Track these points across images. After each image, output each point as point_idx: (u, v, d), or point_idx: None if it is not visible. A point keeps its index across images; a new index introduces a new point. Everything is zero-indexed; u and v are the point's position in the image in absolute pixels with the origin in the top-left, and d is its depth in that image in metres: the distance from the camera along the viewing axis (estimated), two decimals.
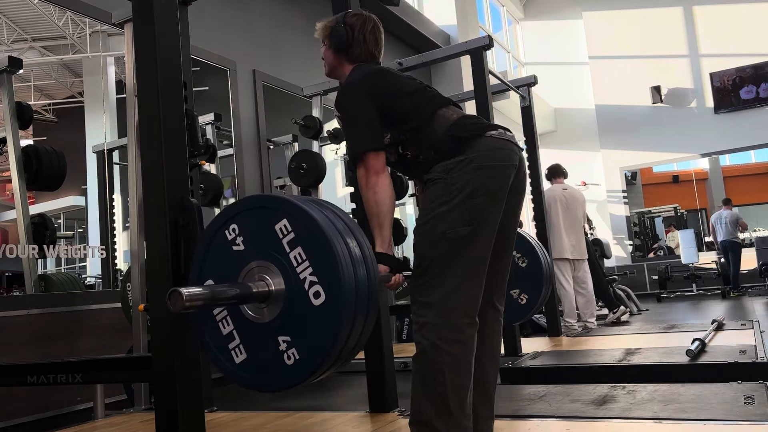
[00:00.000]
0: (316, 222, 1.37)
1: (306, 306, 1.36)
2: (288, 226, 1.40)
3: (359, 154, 1.69)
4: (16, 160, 3.26)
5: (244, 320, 1.45)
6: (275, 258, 1.41)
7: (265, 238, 1.43)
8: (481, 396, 1.73)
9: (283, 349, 1.39)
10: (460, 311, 1.58)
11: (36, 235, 3.30)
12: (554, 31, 12.00)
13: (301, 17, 5.82)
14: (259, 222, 1.45)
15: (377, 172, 1.68)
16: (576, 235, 5.17)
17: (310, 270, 1.37)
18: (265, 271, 1.43)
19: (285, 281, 1.40)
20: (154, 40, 1.82)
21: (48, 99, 4.79)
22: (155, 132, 1.81)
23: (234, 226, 1.48)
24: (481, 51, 4.00)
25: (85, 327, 3.24)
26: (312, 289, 1.36)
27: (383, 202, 1.67)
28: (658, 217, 11.82)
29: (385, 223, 1.68)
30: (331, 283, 1.34)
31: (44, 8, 4.23)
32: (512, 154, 1.69)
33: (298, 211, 1.40)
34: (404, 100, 1.75)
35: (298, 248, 1.38)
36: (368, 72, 1.81)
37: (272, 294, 1.41)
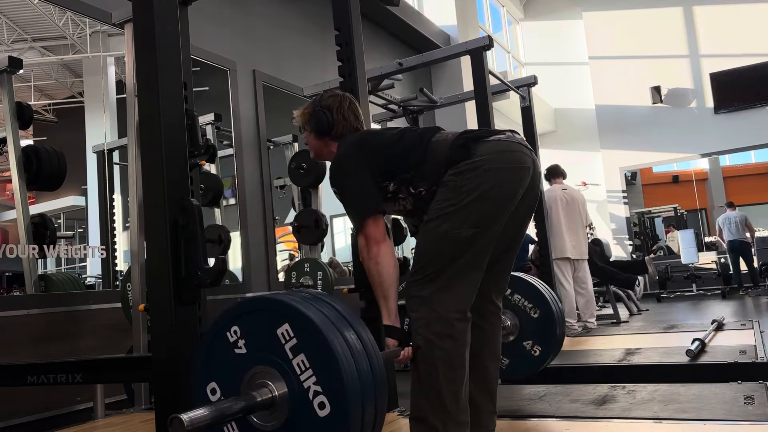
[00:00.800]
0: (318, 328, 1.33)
1: (311, 417, 1.33)
2: (290, 331, 1.37)
3: (359, 223, 1.70)
4: (16, 160, 3.26)
5: (249, 426, 1.42)
6: (278, 364, 1.38)
7: (267, 342, 1.39)
8: (483, 391, 1.74)
9: None
10: (451, 306, 1.59)
11: (36, 235, 3.30)
12: (554, 31, 12.00)
13: (301, 17, 5.82)
14: (260, 325, 1.41)
15: (378, 241, 1.67)
16: (576, 235, 5.18)
17: (314, 379, 1.33)
18: (268, 376, 1.39)
19: (288, 387, 1.36)
20: (154, 40, 1.81)
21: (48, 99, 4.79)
22: (155, 132, 1.81)
23: (235, 328, 1.45)
24: (481, 51, 4.00)
25: (85, 327, 3.24)
26: (316, 400, 1.32)
27: (386, 272, 1.67)
28: (658, 217, 11.82)
29: (390, 294, 1.68)
30: (336, 394, 1.30)
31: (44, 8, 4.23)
32: (523, 156, 1.67)
33: (299, 316, 1.36)
34: (395, 147, 1.75)
35: (301, 355, 1.35)
36: (353, 141, 1.82)
37: (276, 401, 1.37)
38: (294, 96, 5.34)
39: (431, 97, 5.12)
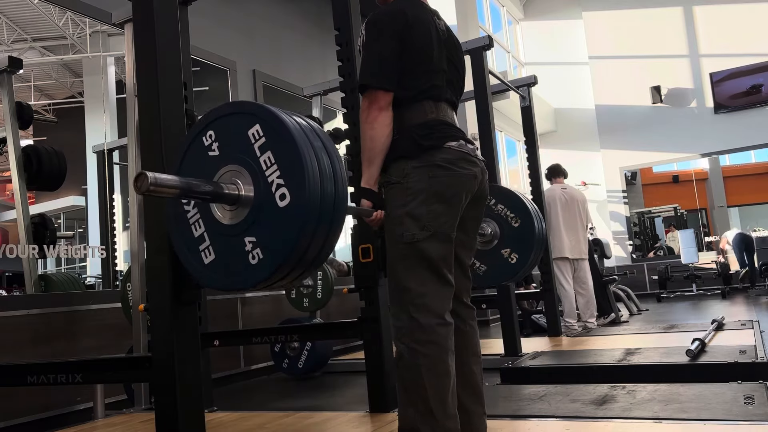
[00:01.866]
0: (286, 126, 1.42)
1: (272, 207, 1.42)
2: (260, 131, 1.46)
3: (369, 87, 1.68)
4: (16, 160, 3.26)
5: (214, 222, 1.53)
6: (246, 162, 1.47)
7: (239, 143, 1.49)
8: (471, 394, 1.74)
9: (248, 250, 1.45)
10: (430, 312, 1.59)
11: (36, 235, 3.30)
12: (554, 31, 12.00)
13: (301, 17, 5.82)
14: (234, 128, 1.51)
15: (381, 108, 1.67)
16: (575, 234, 5.17)
17: (278, 173, 1.42)
18: (238, 176, 1.49)
19: (254, 184, 1.46)
20: (154, 40, 1.82)
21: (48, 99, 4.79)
22: (155, 132, 1.81)
23: (211, 132, 1.55)
24: (481, 51, 4.00)
25: (85, 327, 3.24)
26: (278, 192, 1.42)
27: (379, 138, 1.67)
28: (658, 217, 11.81)
29: (376, 160, 1.69)
30: (297, 186, 1.40)
31: (44, 8, 4.23)
32: (469, 164, 1.71)
33: (269, 116, 1.46)
34: (411, 70, 1.72)
35: (268, 152, 1.44)
36: (410, 15, 1.74)
37: (242, 198, 1.47)
38: (294, 96, 5.34)
39: None
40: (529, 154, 5.10)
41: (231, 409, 2.76)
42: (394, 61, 1.69)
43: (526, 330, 5.33)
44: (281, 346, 4.02)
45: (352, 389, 3.54)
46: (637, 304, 7.03)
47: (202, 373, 1.86)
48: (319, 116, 4.90)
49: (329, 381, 3.92)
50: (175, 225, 1.62)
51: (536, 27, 12.21)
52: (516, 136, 10.05)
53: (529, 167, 5.07)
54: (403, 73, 1.71)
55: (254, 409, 2.77)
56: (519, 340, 3.89)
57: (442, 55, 1.79)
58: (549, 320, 4.82)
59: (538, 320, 5.42)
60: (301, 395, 3.50)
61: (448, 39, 1.84)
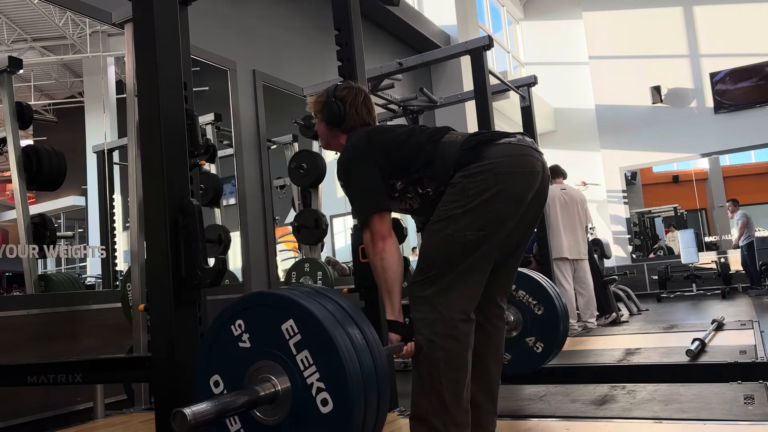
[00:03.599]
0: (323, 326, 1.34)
1: (314, 413, 1.33)
2: (294, 327, 1.37)
3: (364, 219, 1.69)
4: (16, 160, 3.26)
5: (252, 420, 1.42)
6: (282, 359, 1.38)
7: (272, 337, 1.39)
8: (485, 392, 1.74)
9: None
10: (455, 307, 1.59)
11: (36, 235, 3.30)
12: (554, 31, 12.00)
13: (301, 17, 5.82)
14: (265, 320, 1.41)
15: (383, 237, 1.68)
16: (574, 234, 5.17)
17: (317, 376, 1.33)
18: (272, 371, 1.39)
19: (291, 382, 1.36)
20: (154, 40, 1.81)
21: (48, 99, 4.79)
22: (155, 132, 1.81)
23: (240, 321, 1.45)
24: (481, 51, 4.00)
25: (85, 327, 3.24)
26: (319, 396, 1.33)
27: (391, 268, 1.67)
28: (658, 217, 11.81)
29: (394, 289, 1.68)
30: (339, 392, 1.31)
31: (44, 8, 4.23)
32: (533, 161, 1.66)
33: (303, 312, 1.36)
34: (405, 146, 1.75)
35: (305, 351, 1.35)
36: (362, 135, 1.82)
37: (279, 395, 1.37)
38: (294, 96, 5.34)
39: (431, 97, 5.12)
40: None
41: None
42: (375, 183, 1.71)
43: None
44: None
45: None
46: (637, 304, 7.02)
47: None
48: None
49: None
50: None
51: (536, 27, 12.21)
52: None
53: None
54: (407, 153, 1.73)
55: None
56: None
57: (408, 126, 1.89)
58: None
59: None
60: None
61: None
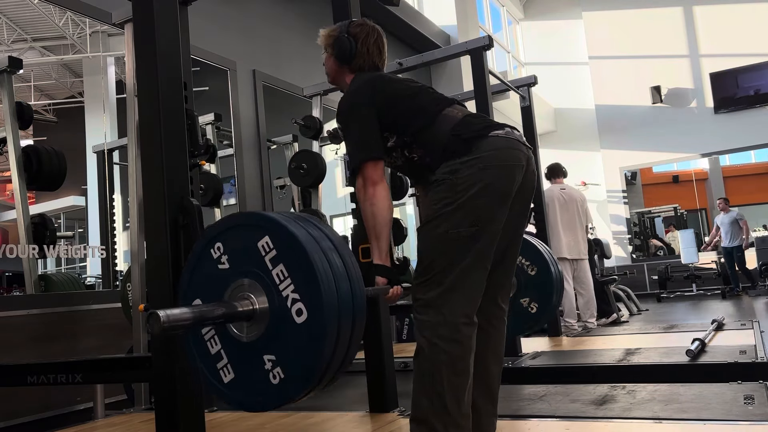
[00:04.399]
0: (297, 238, 1.37)
1: (289, 324, 1.36)
2: (269, 243, 1.40)
3: (357, 165, 1.69)
4: (16, 160, 3.26)
5: (231, 339, 1.45)
6: (259, 276, 1.41)
7: (249, 256, 1.42)
8: (485, 394, 1.73)
9: (269, 368, 1.38)
10: (458, 310, 1.58)
11: (36, 235, 3.30)
12: (554, 31, 12.00)
13: (301, 17, 5.82)
14: (242, 240, 1.45)
15: (374, 182, 1.68)
16: (574, 234, 5.17)
17: (292, 287, 1.36)
18: (250, 289, 1.42)
19: (269, 299, 1.39)
20: (154, 40, 1.81)
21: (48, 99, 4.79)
22: (155, 132, 1.81)
23: (219, 244, 1.48)
24: (481, 51, 4.00)
25: (85, 327, 3.24)
26: (294, 307, 1.35)
27: (380, 213, 1.67)
28: (658, 217, 11.81)
29: (383, 234, 1.68)
30: (313, 300, 1.33)
31: (44, 8, 4.23)
32: (519, 154, 1.66)
33: (278, 228, 1.40)
34: (407, 102, 1.74)
35: (280, 265, 1.38)
36: (368, 80, 1.81)
37: (257, 312, 1.40)
38: (294, 96, 5.34)
39: None
40: None
41: (231, 409, 2.76)
42: (372, 130, 1.71)
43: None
44: None
45: (352, 389, 3.53)
46: (637, 304, 7.03)
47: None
48: (319, 116, 4.90)
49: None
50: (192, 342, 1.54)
51: (536, 27, 12.21)
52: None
53: None
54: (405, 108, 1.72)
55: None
56: (519, 340, 3.89)
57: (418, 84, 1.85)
58: (549, 320, 4.81)
59: None
60: None
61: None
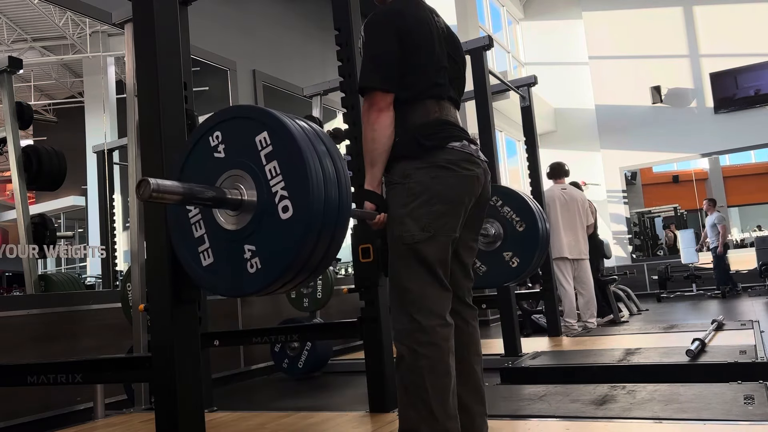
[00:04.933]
0: (294, 138, 1.40)
1: (274, 218, 1.41)
2: (267, 138, 1.44)
3: (369, 88, 1.67)
4: (16, 160, 3.26)
5: (215, 225, 1.51)
6: (252, 169, 1.45)
7: (245, 148, 1.47)
8: (473, 394, 1.74)
9: (247, 257, 1.44)
10: (431, 314, 1.59)
11: (36, 235, 3.30)
12: (554, 31, 11.99)
13: (301, 17, 5.82)
14: (241, 132, 1.49)
15: (380, 109, 1.66)
16: (574, 234, 5.17)
17: (282, 184, 1.41)
18: (241, 180, 1.47)
19: (258, 193, 1.44)
20: (154, 40, 1.82)
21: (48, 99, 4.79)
22: (155, 132, 1.81)
23: (218, 133, 1.53)
24: (481, 51, 4.00)
25: (85, 327, 3.24)
26: (282, 203, 1.40)
27: (380, 140, 1.66)
28: (658, 217, 11.81)
29: (378, 162, 1.68)
30: (300, 200, 1.38)
31: (44, 8, 4.23)
32: (471, 165, 1.69)
33: (279, 125, 1.43)
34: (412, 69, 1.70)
35: (274, 162, 1.43)
36: (409, 15, 1.74)
37: (244, 203, 1.45)
38: (294, 96, 5.34)
39: None
40: (529, 154, 5.10)
41: (231, 409, 2.76)
42: (393, 62, 1.68)
43: (526, 330, 5.33)
44: (281, 346, 4.02)
45: (352, 389, 3.53)
46: (637, 304, 7.03)
47: (202, 373, 1.86)
48: (319, 116, 4.90)
49: (329, 381, 3.92)
50: (175, 223, 1.61)
51: (536, 27, 12.20)
52: (516, 136, 10.04)
53: (529, 167, 5.07)
54: (404, 72, 1.69)
55: (254, 409, 2.76)
56: (519, 340, 3.89)
57: (443, 53, 1.78)
58: (549, 320, 4.81)
59: (538, 320, 5.42)
60: (301, 395, 3.50)
61: (448, 36, 1.84)
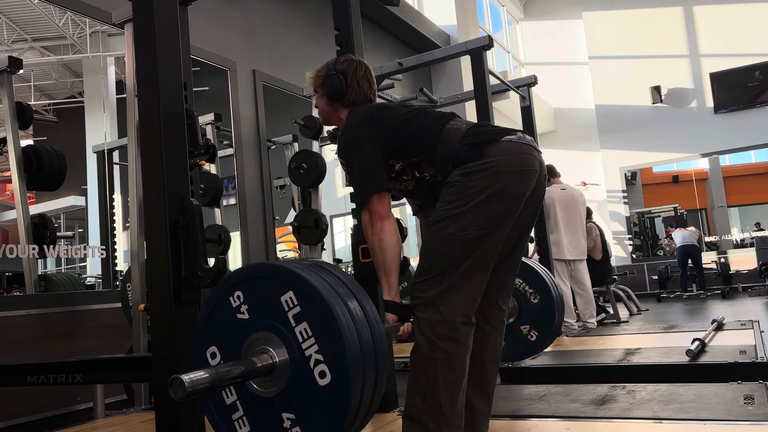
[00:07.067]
0: (323, 298, 1.33)
1: (311, 385, 1.32)
2: (294, 299, 1.36)
3: (364, 199, 1.68)
4: (16, 160, 3.26)
5: (248, 392, 1.41)
6: (281, 332, 1.37)
7: (271, 309, 1.39)
8: (481, 393, 1.73)
9: (287, 427, 1.35)
10: (457, 309, 1.58)
11: (36, 235, 3.30)
12: (554, 31, 12.00)
13: (301, 17, 5.82)
14: (264, 291, 1.41)
15: (381, 217, 1.66)
16: (575, 235, 5.17)
17: (315, 348, 1.32)
18: (269, 342, 1.38)
19: (290, 356, 1.35)
20: (154, 40, 1.81)
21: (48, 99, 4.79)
22: (155, 132, 1.81)
23: (239, 293, 1.44)
24: (481, 51, 4.00)
25: (85, 327, 3.24)
26: (317, 368, 1.32)
27: (389, 249, 1.66)
28: (658, 217, 11.82)
29: (392, 270, 1.67)
30: (338, 364, 1.30)
31: (44, 8, 4.23)
32: (533, 159, 1.65)
33: (304, 284, 1.35)
34: (408, 127, 1.73)
35: (304, 323, 1.34)
36: (365, 112, 1.79)
37: (277, 367, 1.36)
38: (294, 96, 5.34)
39: (431, 97, 5.12)
40: None
41: None
42: (375, 164, 1.69)
43: None
44: None
45: None
46: (637, 304, 7.03)
47: None
48: (318, 116, 4.90)
49: None
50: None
51: (536, 27, 12.21)
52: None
53: None
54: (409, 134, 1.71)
55: None
56: None
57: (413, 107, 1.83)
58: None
59: None
60: None
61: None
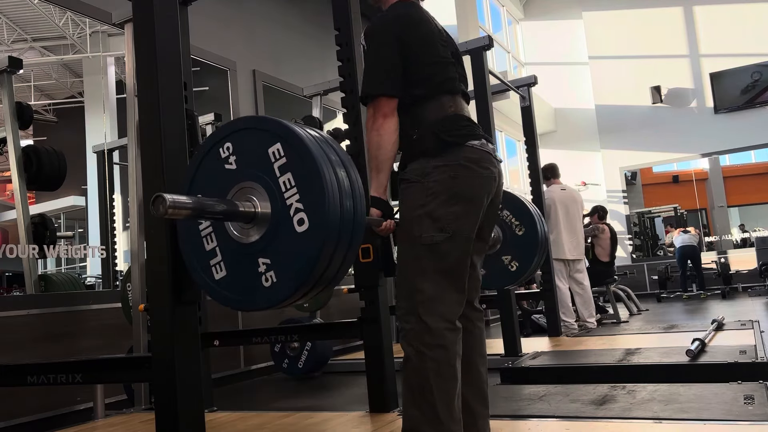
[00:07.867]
0: (309, 150, 1.38)
1: (289, 232, 1.38)
2: (281, 150, 1.42)
3: (373, 95, 1.66)
4: (16, 160, 3.26)
5: (228, 238, 1.48)
6: (265, 181, 1.43)
7: (258, 159, 1.45)
8: (477, 396, 1.74)
9: (262, 271, 1.42)
10: (441, 317, 1.58)
11: (36, 235, 3.30)
12: (554, 31, 12.00)
13: (301, 17, 5.82)
14: (253, 143, 1.47)
15: (385, 114, 1.65)
16: (575, 236, 5.18)
17: (297, 197, 1.39)
18: (254, 192, 1.44)
19: (272, 205, 1.42)
20: (154, 40, 1.81)
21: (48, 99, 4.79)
22: (155, 132, 1.81)
23: (229, 144, 1.50)
24: (481, 51, 4.00)
25: (85, 327, 3.24)
26: (297, 216, 1.38)
27: (385, 146, 1.65)
28: (658, 217, 11.81)
29: (384, 168, 1.66)
30: (316, 213, 1.36)
31: (44, 8, 4.24)
32: (491, 167, 1.68)
33: (292, 137, 1.41)
34: (422, 66, 1.70)
35: (288, 174, 1.40)
36: (408, 16, 1.75)
37: (258, 216, 1.43)
38: (294, 96, 5.34)
39: None
40: (529, 154, 5.10)
41: (231, 409, 2.76)
42: (395, 67, 1.67)
43: (526, 330, 5.34)
44: (281, 346, 4.02)
45: (352, 389, 3.53)
46: (637, 304, 7.03)
47: (202, 373, 1.86)
48: (319, 116, 4.90)
49: (329, 381, 3.92)
50: (185, 235, 1.57)
51: (536, 27, 12.20)
52: (516, 136, 10.04)
53: (529, 167, 5.07)
54: (414, 70, 1.69)
55: (254, 409, 2.77)
56: (519, 340, 3.89)
57: (447, 51, 1.79)
58: (549, 320, 4.81)
59: (538, 320, 5.42)
60: (301, 395, 3.50)
61: (447, 38, 1.85)
